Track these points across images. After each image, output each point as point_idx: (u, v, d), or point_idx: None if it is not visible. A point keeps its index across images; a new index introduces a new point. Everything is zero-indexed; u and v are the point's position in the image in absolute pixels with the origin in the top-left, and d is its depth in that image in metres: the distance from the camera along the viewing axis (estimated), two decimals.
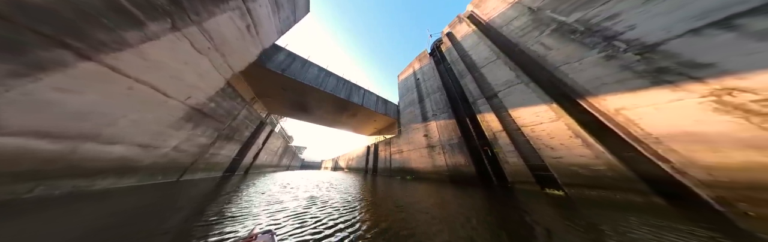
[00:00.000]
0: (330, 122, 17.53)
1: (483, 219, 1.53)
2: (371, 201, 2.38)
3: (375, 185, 4.31)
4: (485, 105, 5.14)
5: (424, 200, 2.37)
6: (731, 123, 1.81)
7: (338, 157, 26.31)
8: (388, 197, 2.70)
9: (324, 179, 6.19)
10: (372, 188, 3.81)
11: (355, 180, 5.64)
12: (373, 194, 2.99)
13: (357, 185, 4.32)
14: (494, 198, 2.51)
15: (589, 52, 3.45)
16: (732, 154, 1.71)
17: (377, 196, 2.78)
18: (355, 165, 16.25)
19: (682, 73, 2.32)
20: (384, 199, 2.51)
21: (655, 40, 2.76)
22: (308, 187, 3.76)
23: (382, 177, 7.88)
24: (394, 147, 9.59)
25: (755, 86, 1.83)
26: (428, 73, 10.42)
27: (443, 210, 1.81)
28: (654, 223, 1.46)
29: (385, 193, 3.07)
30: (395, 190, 3.39)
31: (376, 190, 3.46)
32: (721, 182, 1.71)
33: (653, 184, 2.04)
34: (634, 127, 2.39)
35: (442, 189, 3.37)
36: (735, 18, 2.15)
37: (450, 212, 1.74)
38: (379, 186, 4.04)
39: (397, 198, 2.60)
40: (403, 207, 1.99)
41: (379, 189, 3.56)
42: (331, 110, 13.59)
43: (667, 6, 2.77)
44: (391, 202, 2.27)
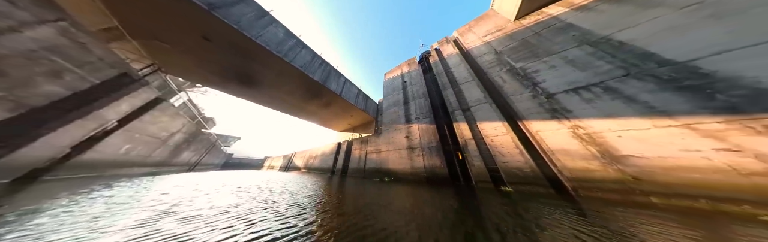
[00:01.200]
0: (292, 108, 14.09)
1: (456, 209, 1.98)
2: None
3: (367, 192, 3.98)
4: (461, 115, 6.31)
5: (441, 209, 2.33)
6: (577, 145, 3.53)
7: (293, 154, 22.09)
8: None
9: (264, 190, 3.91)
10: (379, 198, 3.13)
11: (328, 187, 4.85)
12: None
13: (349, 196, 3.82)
14: (462, 195, 3.34)
15: (525, 90, 5.10)
16: (578, 162, 3.36)
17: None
18: (319, 164, 14.45)
19: (561, 114, 4.07)
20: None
21: (553, 91, 4.53)
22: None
23: (355, 178, 7.60)
24: (371, 146, 9.49)
25: (585, 125, 3.63)
26: (416, 78, 10.94)
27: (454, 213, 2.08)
28: (546, 202, 2.69)
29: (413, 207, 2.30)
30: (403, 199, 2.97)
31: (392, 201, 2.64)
32: (574, 178, 3.33)
33: (550, 181, 3.57)
34: (543, 144, 3.96)
35: (436, 193, 3.84)
36: (576, 89, 4.03)
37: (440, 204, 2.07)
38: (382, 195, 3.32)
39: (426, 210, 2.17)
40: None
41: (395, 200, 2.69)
42: (297, 93, 10.90)
43: (558, 74, 4.59)
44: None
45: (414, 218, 1.81)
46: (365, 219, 1.77)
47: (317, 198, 2.97)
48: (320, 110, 14.10)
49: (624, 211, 2.21)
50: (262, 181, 5.71)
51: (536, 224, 1.67)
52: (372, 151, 9.23)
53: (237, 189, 3.73)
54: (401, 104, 10.30)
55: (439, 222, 1.71)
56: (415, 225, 1.60)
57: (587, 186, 3.05)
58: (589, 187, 3.04)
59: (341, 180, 6.77)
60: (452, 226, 1.58)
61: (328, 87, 10.26)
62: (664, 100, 3.04)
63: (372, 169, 8.23)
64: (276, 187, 4.29)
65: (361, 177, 8.19)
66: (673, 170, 2.56)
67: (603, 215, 2.03)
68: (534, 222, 1.74)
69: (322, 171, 13.07)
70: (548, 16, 6.03)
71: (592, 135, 3.44)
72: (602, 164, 3.09)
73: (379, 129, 12.33)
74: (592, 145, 3.36)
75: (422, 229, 1.51)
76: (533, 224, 1.67)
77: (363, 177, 8.38)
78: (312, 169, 15.05)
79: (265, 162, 34.20)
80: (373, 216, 1.83)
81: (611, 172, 2.96)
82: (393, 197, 3.13)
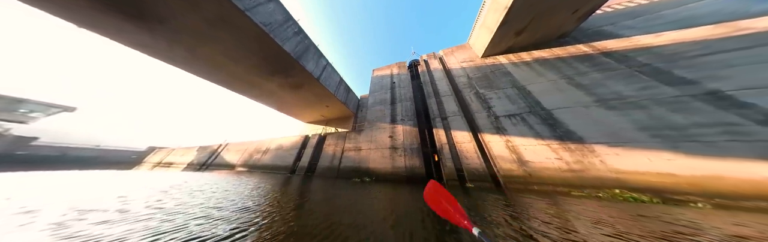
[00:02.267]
0: (238, 82, 10.11)
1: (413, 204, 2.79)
2: None
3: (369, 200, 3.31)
4: (440, 123, 7.43)
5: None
6: (507, 153, 5.44)
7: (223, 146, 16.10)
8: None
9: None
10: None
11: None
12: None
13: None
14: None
15: (483, 110, 6.86)
16: (506, 165, 5.22)
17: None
18: (270, 161, 11.67)
19: (501, 131, 5.99)
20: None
21: (498, 114, 6.47)
22: None
23: (326, 179, 7.01)
24: (350, 143, 8.95)
25: (512, 140, 5.63)
26: (405, 81, 11.07)
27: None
28: (489, 192, 4.19)
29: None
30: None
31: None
32: (503, 175, 5.15)
33: (492, 178, 5.26)
34: (490, 151, 5.70)
35: (417, 190, 4.49)
36: (509, 115, 6.10)
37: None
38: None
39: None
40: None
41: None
42: (248, 62, 7.81)
43: (501, 103, 6.58)
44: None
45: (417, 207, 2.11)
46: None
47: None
48: (284, 91, 10.93)
49: (522, 194, 3.90)
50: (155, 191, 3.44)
51: (482, 203, 3.02)
52: (351, 149, 8.75)
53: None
54: (388, 103, 10.27)
55: (421, 208, 2.51)
56: (409, 208, 2.33)
57: (509, 181, 4.93)
58: (510, 181, 4.93)
59: (308, 182, 5.96)
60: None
61: (303, 64, 8.08)
62: (541, 129, 5.38)
63: (349, 168, 7.90)
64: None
65: (333, 178, 7.67)
66: (542, 169, 4.73)
67: (513, 196, 3.67)
68: (482, 202, 3.12)
69: (276, 171, 10.71)
70: (499, 62, 8.35)
71: (514, 147, 5.43)
72: (517, 166, 5.06)
73: (360, 126, 11.80)
74: (513, 154, 5.32)
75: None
76: (481, 202, 3.10)
77: (336, 177, 7.88)
78: (257, 168, 11.84)
79: (148, 156, 22.06)
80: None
81: (520, 171, 4.94)
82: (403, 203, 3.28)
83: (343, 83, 12.68)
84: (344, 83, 12.82)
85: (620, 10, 7.72)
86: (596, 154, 4.40)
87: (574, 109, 5.38)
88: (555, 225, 1.83)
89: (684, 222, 2.00)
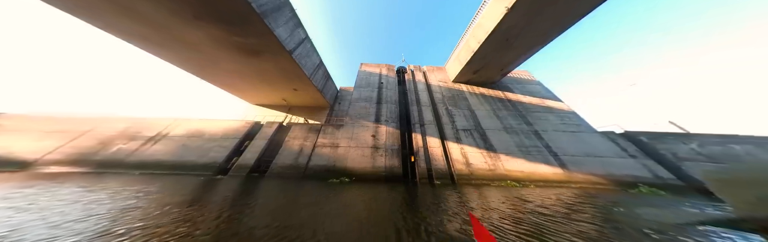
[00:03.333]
0: (135, 23, 5.22)
1: (407, 195, 3.69)
2: None
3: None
4: (419, 128, 8.53)
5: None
6: (461, 157, 7.43)
7: None
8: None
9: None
10: None
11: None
12: None
13: None
14: (410, 190, 5.21)
15: (449, 123, 8.91)
16: (459, 166, 7.13)
17: None
18: (170, 155, 7.27)
19: (459, 140, 8.14)
20: None
21: (459, 128, 8.78)
22: None
23: (286, 180, 5.66)
24: (325, 138, 7.77)
25: (464, 147, 7.85)
26: (392, 84, 11.39)
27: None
28: (448, 187, 5.58)
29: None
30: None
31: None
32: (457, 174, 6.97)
33: (450, 176, 6.92)
34: (451, 155, 7.50)
35: (393, 190, 4.96)
36: (464, 130, 8.57)
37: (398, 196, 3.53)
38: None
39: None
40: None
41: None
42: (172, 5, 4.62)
43: (461, 120, 9.01)
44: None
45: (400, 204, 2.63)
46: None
47: None
48: (229, 54, 7.32)
49: (465, 186, 5.65)
50: None
51: (445, 193, 4.29)
52: (325, 145, 7.59)
53: None
54: (374, 102, 10.05)
55: (401, 200, 3.23)
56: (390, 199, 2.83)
57: (460, 178, 6.78)
58: (460, 178, 6.79)
59: (257, 186, 4.50)
60: (409, 200, 3.27)
61: (270, 26, 6.03)
62: (479, 142, 8.02)
63: (321, 167, 6.83)
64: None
65: (297, 178, 6.33)
66: (478, 169, 7.04)
67: (461, 190, 5.13)
68: (444, 193, 4.33)
69: (180, 171, 6.73)
70: (462, 89, 11.32)
71: (465, 153, 7.57)
72: (465, 167, 7.09)
73: (339, 120, 10.54)
74: (464, 158, 7.41)
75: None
76: (443, 193, 4.32)
77: (302, 177, 6.54)
78: (125, 166, 6.80)
79: None
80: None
81: (467, 171, 6.98)
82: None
83: (323, 68, 10.71)
84: (324, 68, 10.86)
85: (518, 76, 13.21)
86: (500, 160, 7.31)
87: (494, 130, 8.56)
88: (476, 200, 3.57)
89: (525, 193, 4.43)
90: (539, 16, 6.37)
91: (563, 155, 7.44)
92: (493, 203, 3.24)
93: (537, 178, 6.62)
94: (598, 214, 2.65)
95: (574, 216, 2.44)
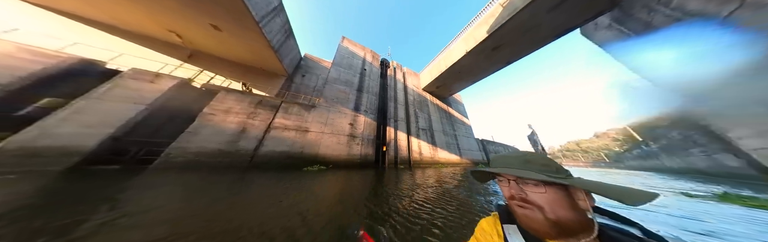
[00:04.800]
0: None
1: (379, 177, 5.14)
2: None
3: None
4: (393, 123, 9.50)
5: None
6: (418, 148, 9.66)
7: None
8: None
9: None
10: None
11: None
12: None
13: None
14: (380, 172, 6.34)
15: (414, 122, 11.08)
16: (416, 155, 9.19)
17: None
18: None
19: (418, 136, 10.53)
20: None
21: (421, 127, 11.15)
22: None
23: (211, 174, 3.81)
24: (288, 119, 6.03)
25: (420, 142, 10.26)
26: (375, 74, 11.20)
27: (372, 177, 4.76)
28: (406, 170, 7.32)
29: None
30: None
31: None
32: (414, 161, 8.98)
33: (409, 162, 8.72)
34: (411, 146, 9.38)
35: (368, 173, 5.52)
36: (423, 129, 11.23)
37: (369, 176, 4.83)
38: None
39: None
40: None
41: None
42: None
43: (423, 120, 11.74)
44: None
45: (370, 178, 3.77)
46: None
47: None
48: None
49: (417, 169, 7.75)
50: None
51: (404, 173, 5.63)
52: (289, 127, 5.87)
53: None
54: (355, 89, 9.29)
55: (372, 179, 4.08)
56: (362, 180, 3.70)
57: (415, 163, 8.77)
58: (415, 163, 8.79)
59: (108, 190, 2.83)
60: (378, 179, 4.09)
61: None
62: (429, 139, 10.88)
63: (281, 154, 5.27)
64: None
65: (236, 168, 4.48)
66: (425, 157, 9.62)
67: (414, 171, 7.02)
68: (404, 173, 5.65)
69: None
70: (427, 97, 14.28)
71: (420, 146, 9.87)
72: (419, 156, 9.28)
73: (307, 99, 8.41)
74: (419, 149, 9.70)
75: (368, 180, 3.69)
76: (404, 173, 5.62)
77: (247, 167, 4.66)
78: None
79: None
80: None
81: (419, 158, 9.16)
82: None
83: (283, 17, 6.40)
84: (285, 18, 6.57)
85: (455, 97, 19.24)
86: (437, 151, 10.61)
87: (438, 132, 11.99)
88: (421, 175, 5.23)
89: (444, 170, 7.14)
90: (484, 60, 9.89)
91: (461, 149, 12.60)
92: (429, 175, 5.43)
93: (450, 162, 10.64)
94: (463, 174, 5.57)
95: (455, 176, 4.92)
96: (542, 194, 0.26)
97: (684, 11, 3.58)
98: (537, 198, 0.27)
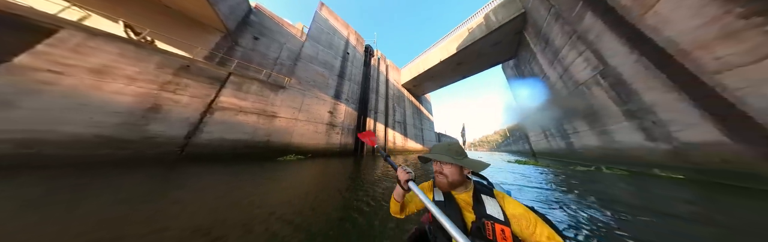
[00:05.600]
0: None
1: (356, 162, 5.96)
2: None
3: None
4: (373, 114, 9.60)
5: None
6: (393, 138, 10.56)
7: None
8: None
9: None
10: None
11: None
12: None
13: None
14: (359, 160, 6.79)
15: (392, 115, 11.83)
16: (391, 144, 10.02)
17: None
18: None
19: (394, 128, 11.43)
20: None
21: (397, 120, 12.14)
22: None
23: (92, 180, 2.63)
24: (246, 100, 4.61)
25: (396, 133, 11.25)
26: (359, 61, 10.33)
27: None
28: (380, 158, 8.27)
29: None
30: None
31: None
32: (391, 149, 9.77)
33: (389, 151, 9.47)
34: (388, 137, 10.11)
35: (347, 160, 5.63)
36: (399, 122, 12.37)
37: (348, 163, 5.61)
38: None
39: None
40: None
41: None
42: None
43: (399, 114, 12.75)
44: None
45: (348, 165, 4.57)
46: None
47: None
48: None
49: (394, 155, 8.78)
50: None
51: (378, 161, 6.44)
52: (246, 110, 4.45)
53: None
54: (336, 74, 8.28)
55: (351, 163, 4.60)
56: (343, 167, 4.06)
57: (390, 151, 9.65)
58: (390, 151, 9.64)
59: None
60: (356, 164, 4.55)
61: None
62: (402, 130, 12.18)
63: (238, 143, 3.97)
64: None
65: (169, 162, 3.07)
66: (399, 146, 10.75)
67: (391, 156, 8.10)
68: (377, 161, 6.79)
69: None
70: (404, 93, 15.43)
71: (395, 136, 10.78)
72: (393, 144, 10.06)
73: (268, 78, 6.58)
74: (394, 139, 10.61)
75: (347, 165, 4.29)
76: (377, 161, 6.97)
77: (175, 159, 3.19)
78: None
79: None
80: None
81: (395, 147, 10.07)
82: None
83: None
84: None
85: (426, 96, 21.96)
86: (408, 141, 12.05)
87: (409, 125, 13.48)
88: (394, 160, 6.33)
89: (412, 157, 8.51)
90: (451, 71, 11.85)
91: (424, 140, 15.15)
92: (400, 160, 6.41)
93: (416, 150, 12.57)
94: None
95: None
96: (449, 169, 0.45)
97: (533, 71, 6.26)
98: (446, 170, 0.44)
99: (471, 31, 8.33)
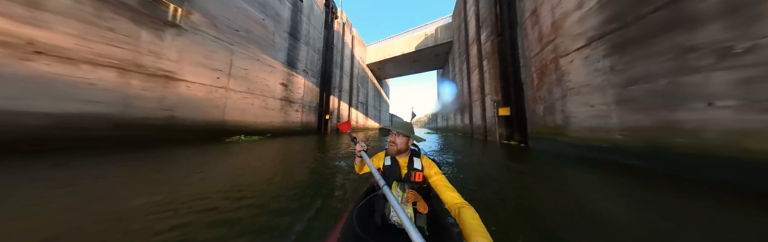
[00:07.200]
0: None
1: (320, 140, 7.09)
2: None
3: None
4: (337, 93, 8.80)
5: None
6: (355, 117, 10.99)
7: None
8: None
9: None
10: None
11: None
12: None
13: None
14: (322, 137, 7.27)
15: (356, 95, 11.56)
16: (354, 123, 10.63)
17: None
18: None
19: (358, 108, 11.60)
20: None
21: (359, 100, 12.14)
22: None
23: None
24: (71, 35, 2.33)
25: (358, 112, 11.63)
26: (318, 19, 7.71)
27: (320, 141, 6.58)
28: (343, 135, 9.07)
29: None
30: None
31: None
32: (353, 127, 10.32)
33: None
34: (351, 116, 10.27)
35: (312, 137, 5.93)
36: (361, 103, 12.59)
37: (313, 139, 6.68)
38: None
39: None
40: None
41: None
42: None
43: (362, 95, 12.80)
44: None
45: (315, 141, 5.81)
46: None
47: None
48: None
49: (352, 132, 9.77)
50: None
51: (340, 138, 8.10)
52: (94, 61, 2.29)
53: None
54: (284, 30, 5.69)
55: (317, 140, 5.44)
56: (308, 143, 5.01)
57: (355, 129, 10.23)
58: (353, 129, 10.24)
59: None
60: (320, 140, 5.05)
61: None
62: (363, 110, 12.93)
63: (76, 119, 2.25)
64: None
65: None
66: (360, 124, 11.63)
67: (350, 134, 9.19)
68: (341, 137, 7.10)
69: None
70: (368, 73, 14.70)
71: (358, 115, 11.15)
72: (355, 123, 10.78)
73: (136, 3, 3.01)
74: (356, 118, 11.06)
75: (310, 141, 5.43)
76: (340, 137, 6.80)
77: None
78: None
79: None
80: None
81: (355, 125, 10.74)
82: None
83: None
84: None
85: (387, 80, 22.05)
86: (368, 120, 13.09)
87: (370, 106, 14.01)
88: (356, 135, 7.90)
89: (371, 133, 10.71)
90: (409, 65, 12.72)
91: (381, 120, 17.31)
92: (362, 136, 7.52)
93: (374, 128, 14.49)
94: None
95: (375, 134, 8.89)
96: (401, 139, 0.59)
97: (449, 79, 9.72)
98: (399, 141, 0.59)
99: (426, 37, 10.13)
